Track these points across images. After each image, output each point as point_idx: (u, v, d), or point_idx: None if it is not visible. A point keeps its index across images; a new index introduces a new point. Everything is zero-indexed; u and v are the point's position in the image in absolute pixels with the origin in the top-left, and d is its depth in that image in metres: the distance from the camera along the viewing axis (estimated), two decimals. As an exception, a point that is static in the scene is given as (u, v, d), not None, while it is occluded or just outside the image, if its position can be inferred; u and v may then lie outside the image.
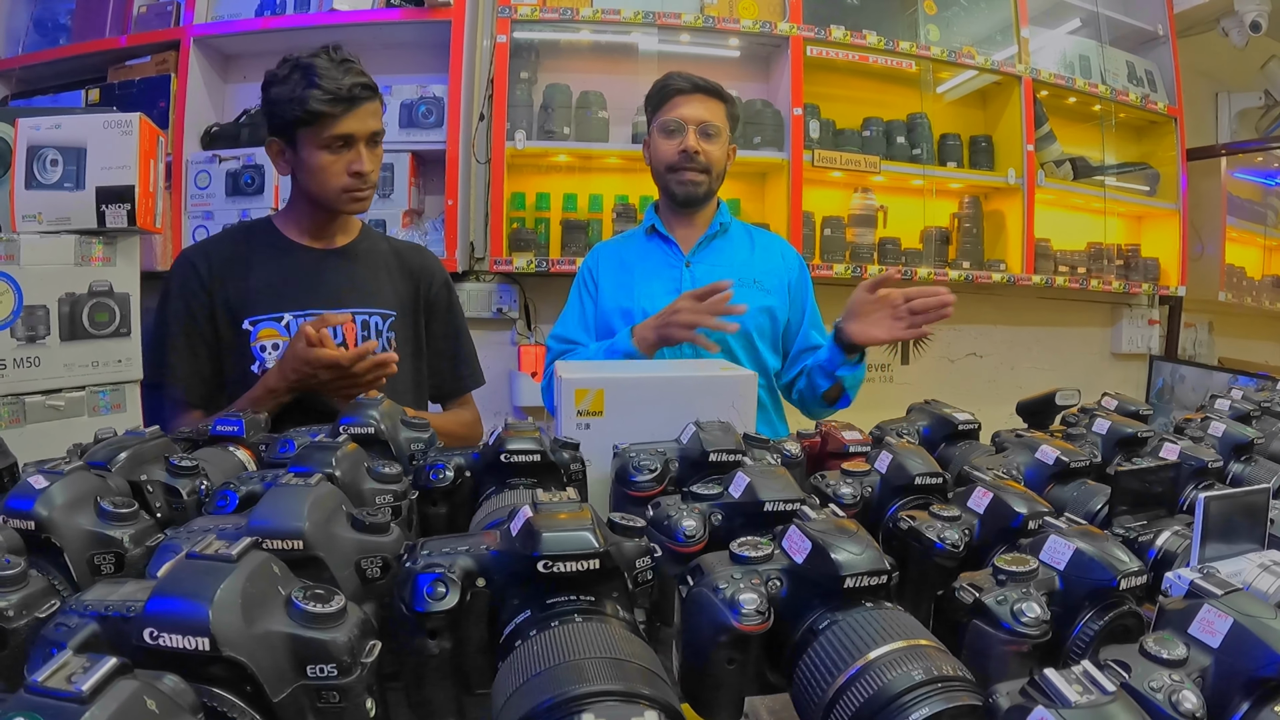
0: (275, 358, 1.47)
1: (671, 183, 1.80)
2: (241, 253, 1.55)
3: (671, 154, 1.78)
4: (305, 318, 1.51)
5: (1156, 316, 3.60)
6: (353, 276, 1.60)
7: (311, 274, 1.56)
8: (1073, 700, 0.39)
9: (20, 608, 0.53)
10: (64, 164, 1.14)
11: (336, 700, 0.44)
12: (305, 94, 1.42)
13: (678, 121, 1.77)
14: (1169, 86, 3.49)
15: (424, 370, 1.69)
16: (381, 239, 1.74)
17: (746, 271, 1.81)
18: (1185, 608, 0.54)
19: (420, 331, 1.69)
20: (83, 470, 0.69)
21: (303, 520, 0.56)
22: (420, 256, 1.75)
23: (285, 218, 1.62)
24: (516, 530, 0.52)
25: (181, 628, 0.42)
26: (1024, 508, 0.73)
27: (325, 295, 1.55)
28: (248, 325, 1.50)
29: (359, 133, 1.48)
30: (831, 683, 0.48)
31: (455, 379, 1.74)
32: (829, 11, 2.94)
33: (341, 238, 1.64)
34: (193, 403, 1.49)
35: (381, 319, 1.61)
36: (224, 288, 1.51)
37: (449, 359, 1.73)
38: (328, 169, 1.48)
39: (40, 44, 3.00)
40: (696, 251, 1.84)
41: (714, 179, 1.80)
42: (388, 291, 1.63)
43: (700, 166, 1.77)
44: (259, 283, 1.53)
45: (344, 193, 1.51)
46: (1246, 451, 1.06)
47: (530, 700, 0.40)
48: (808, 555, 0.55)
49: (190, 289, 1.49)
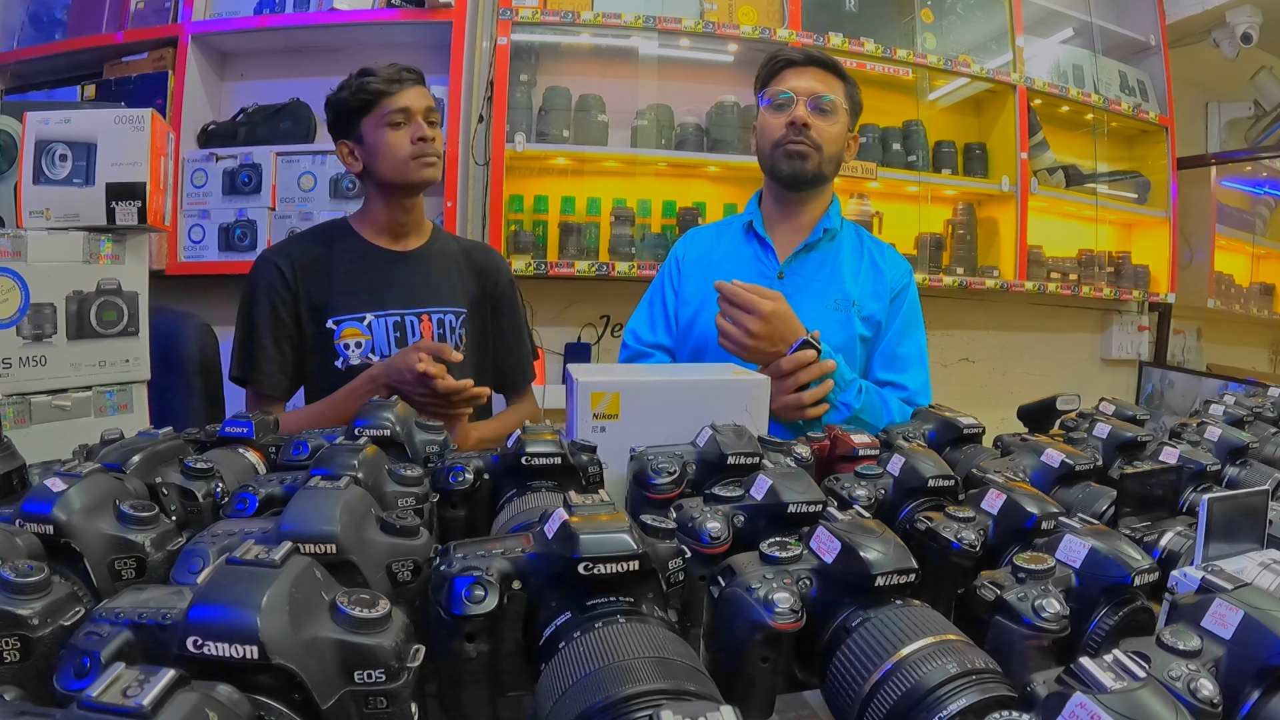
0: (359, 355, 1.61)
1: (777, 159, 1.57)
2: (323, 254, 1.66)
3: (778, 128, 1.56)
4: (385, 317, 1.64)
5: (1146, 323, 3.64)
6: (427, 277, 1.70)
7: (390, 275, 1.67)
8: (1109, 686, 0.40)
9: (45, 615, 0.51)
10: (73, 159, 1.13)
11: (384, 706, 0.43)
12: (362, 81, 1.59)
13: (787, 93, 1.57)
14: (1160, 96, 3.54)
15: (489, 363, 1.77)
16: (451, 240, 1.84)
17: (843, 292, 1.59)
18: (1197, 602, 0.56)
19: (486, 326, 1.78)
20: (100, 472, 0.67)
21: (335, 524, 0.56)
22: (487, 255, 1.85)
23: (361, 219, 1.72)
24: (553, 532, 0.53)
25: (229, 635, 0.41)
26: (1036, 509, 0.75)
27: (403, 295, 1.66)
28: (331, 324, 1.61)
29: (415, 106, 1.60)
30: (867, 678, 0.49)
31: (519, 372, 1.83)
32: (827, 18, 2.97)
33: (415, 239, 1.74)
34: (277, 395, 1.62)
35: (455, 317, 1.70)
36: (308, 288, 1.63)
37: (511, 354, 1.82)
38: (393, 143, 1.59)
39: (36, 39, 2.97)
40: (793, 261, 1.62)
41: (825, 160, 1.57)
42: (459, 290, 1.73)
43: (810, 142, 1.55)
44: (341, 284, 1.64)
45: (413, 160, 1.60)
46: (1242, 455, 1.08)
47: (582, 701, 0.41)
48: (837, 555, 0.56)
49: (275, 288, 1.61)
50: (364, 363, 1.60)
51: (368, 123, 1.60)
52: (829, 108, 1.56)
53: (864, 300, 1.60)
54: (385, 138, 1.59)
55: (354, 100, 1.60)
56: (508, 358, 1.81)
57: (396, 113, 1.58)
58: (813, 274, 1.62)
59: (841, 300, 1.59)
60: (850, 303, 1.59)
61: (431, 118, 1.64)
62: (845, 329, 1.56)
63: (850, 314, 1.58)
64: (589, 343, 3.03)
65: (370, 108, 1.59)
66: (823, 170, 1.59)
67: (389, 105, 1.58)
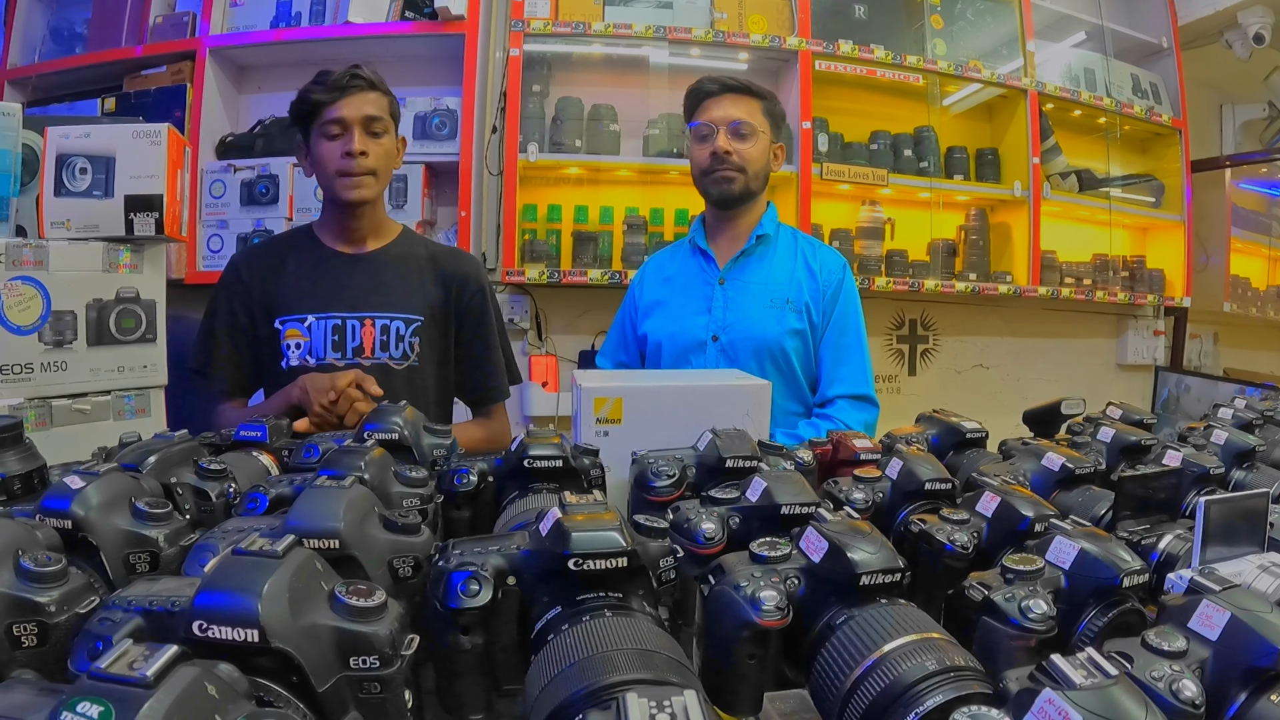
0: (298, 356, 1.59)
1: (707, 185, 1.75)
2: (279, 257, 1.66)
3: (704, 159, 1.73)
4: (326, 320, 1.60)
5: (1162, 328, 3.61)
6: (379, 281, 1.65)
7: (337, 278, 1.63)
8: (1078, 683, 0.41)
9: (61, 603, 0.54)
10: (93, 172, 1.17)
11: (378, 691, 0.45)
12: (308, 89, 1.56)
13: (708, 125, 1.73)
14: (1173, 99, 3.52)
15: (450, 377, 1.71)
16: (421, 243, 1.76)
17: (779, 290, 1.75)
18: (1185, 603, 0.56)
19: (450, 338, 1.70)
20: (117, 471, 0.71)
21: (339, 520, 0.58)
22: (457, 262, 1.75)
23: (320, 223, 1.70)
24: (546, 530, 0.54)
25: (231, 620, 0.43)
26: (1030, 511, 0.75)
27: (348, 298, 1.62)
28: (278, 324, 1.60)
29: (351, 117, 1.54)
30: (848, 675, 0.50)
31: (484, 389, 1.74)
32: (837, 26, 2.97)
33: (374, 241, 1.69)
34: (233, 392, 1.63)
35: (405, 324, 1.64)
36: (262, 289, 1.62)
37: (479, 368, 1.73)
38: (324, 155, 1.56)
39: (56, 53, 3.04)
40: (732, 267, 1.78)
41: (751, 178, 1.73)
42: (417, 297, 1.66)
43: (733, 166, 1.71)
44: (289, 285, 1.62)
45: (337, 175, 1.56)
46: (1249, 459, 1.08)
47: (565, 690, 0.42)
48: (824, 555, 0.57)
49: (234, 290, 1.63)
50: (301, 364, 1.59)
51: (313, 130, 1.57)
52: (747, 131, 1.71)
53: (797, 297, 1.75)
54: (320, 149, 1.56)
55: (298, 109, 1.58)
56: (475, 371, 1.73)
57: (331, 123, 1.54)
58: (750, 277, 1.78)
59: (777, 299, 1.74)
60: (785, 300, 1.74)
61: (374, 128, 1.57)
62: (779, 323, 1.72)
63: (784, 310, 1.73)
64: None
65: (313, 117, 1.56)
66: (749, 187, 1.75)
67: (325, 115, 1.54)
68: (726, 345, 1.73)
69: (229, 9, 2.83)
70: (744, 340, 1.72)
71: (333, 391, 1.37)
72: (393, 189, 2.73)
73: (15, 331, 1.09)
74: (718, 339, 1.74)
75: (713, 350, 1.74)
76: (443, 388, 1.69)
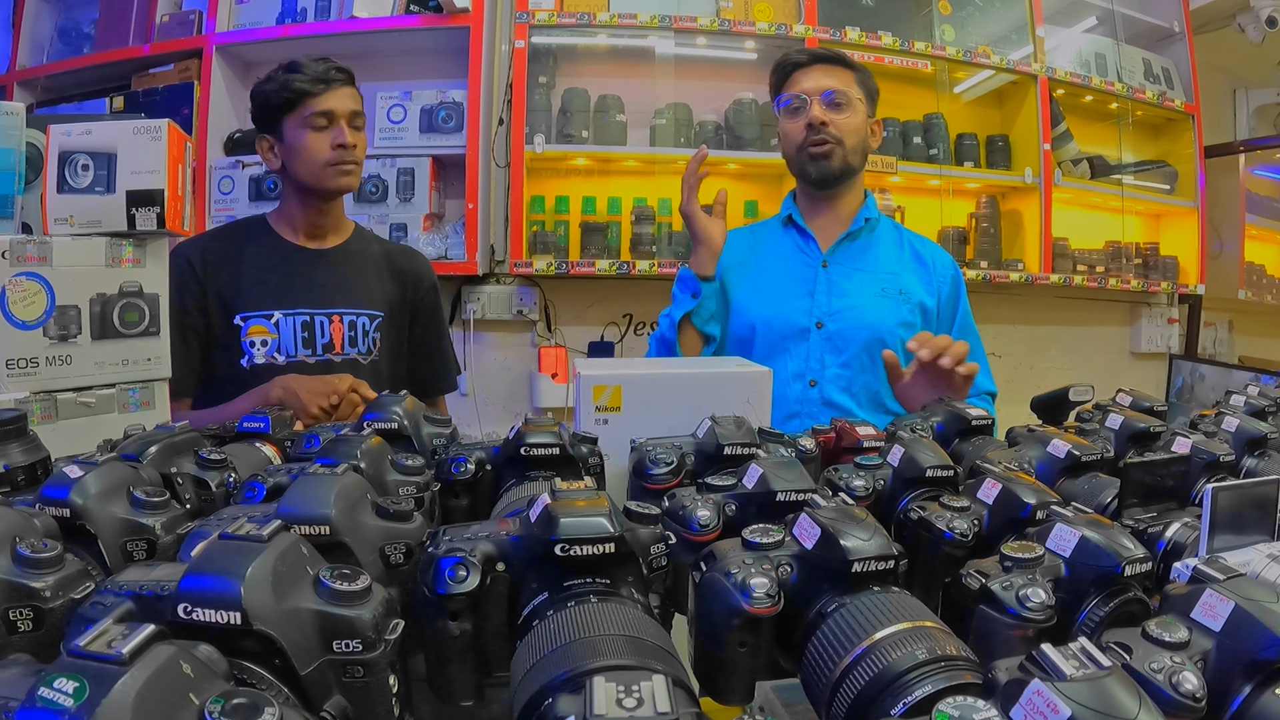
0: (264, 353, 1.57)
1: (804, 162, 1.61)
2: (235, 248, 1.62)
3: (797, 132, 1.59)
4: (293, 316, 1.59)
5: (1176, 315, 3.57)
6: (343, 277, 1.65)
7: (302, 273, 1.62)
8: (1069, 674, 0.40)
9: (57, 589, 0.55)
10: (95, 169, 1.17)
11: (361, 675, 0.46)
12: (288, 78, 1.54)
13: (799, 96, 1.60)
14: (1186, 83, 3.47)
15: (402, 371, 1.74)
16: (374, 241, 1.79)
17: (891, 280, 1.62)
18: (1188, 592, 0.54)
19: (404, 333, 1.74)
20: (116, 461, 0.71)
21: (329, 507, 0.58)
22: (410, 259, 1.79)
23: (279, 216, 1.68)
24: (535, 516, 0.54)
25: (214, 603, 0.44)
26: (1032, 498, 0.74)
27: (315, 294, 1.61)
28: (239, 320, 1.57)
29: (339, 110, 1.55)
30: (838, 663, 0.49)
31: (434, 381, 1.79)
32: (844, 13, 2.95)
33: (334, 238, 1.69)
34: (179, 392, 1.53)
35: (369, 320, 1.66)
36: (217, 282, 1.59)
37: (429, 361, 1.78)
38: (312, 146, 1.55)
39: (65, 53, 3.06)
40: (836, 250, 1.64)
41: (850, 152, 1.60)
42: (377, 293, 1.68)
43: (831, 138, 1.57)
44: (251, 279, 1.59)
45: (329, 166, 1.56)
46: (1260, 446, 1.06)
47: (546, 674, 0.42)
48: (817, 541, 0.56)
49: (184, 282, 1.55)
50: (268, 361, 1.57)
51: (289, 121, 1.55)
52: (843, 100, 1.58)
53: (911, 288, 1.62)
54: (305, 140, 1.54)
55: (277, 97, 1.55)
56: (423, 365, 1.77)
57: (319, 115, 1.54)
58: (857, 262, 1.64)
59: (889, 287, 1.61)
60: (898, 290, 1.61)
61: (356, 122, 1.59)
62: (895, 314, 1.59)
63: (898, 301, 1.60)
64: (612, 341, 3.05)
65: (293, 106, 1.54)
66: (850, 163, 1.61)
67: (312, 106, 1.53)
68: (834, 334, 1.59)
69: (235, 6, 2.85)
70: (855, 330, 1.58)
71: (335, 395, 1.36)
72: (400, 182, 2.74)
73: (20, 326, 1.09)
74: (822, 326, 1.59)
75: (817, 339, 1.59)
76: (397, 381, 1.69)
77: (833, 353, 1.59)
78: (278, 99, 1.54)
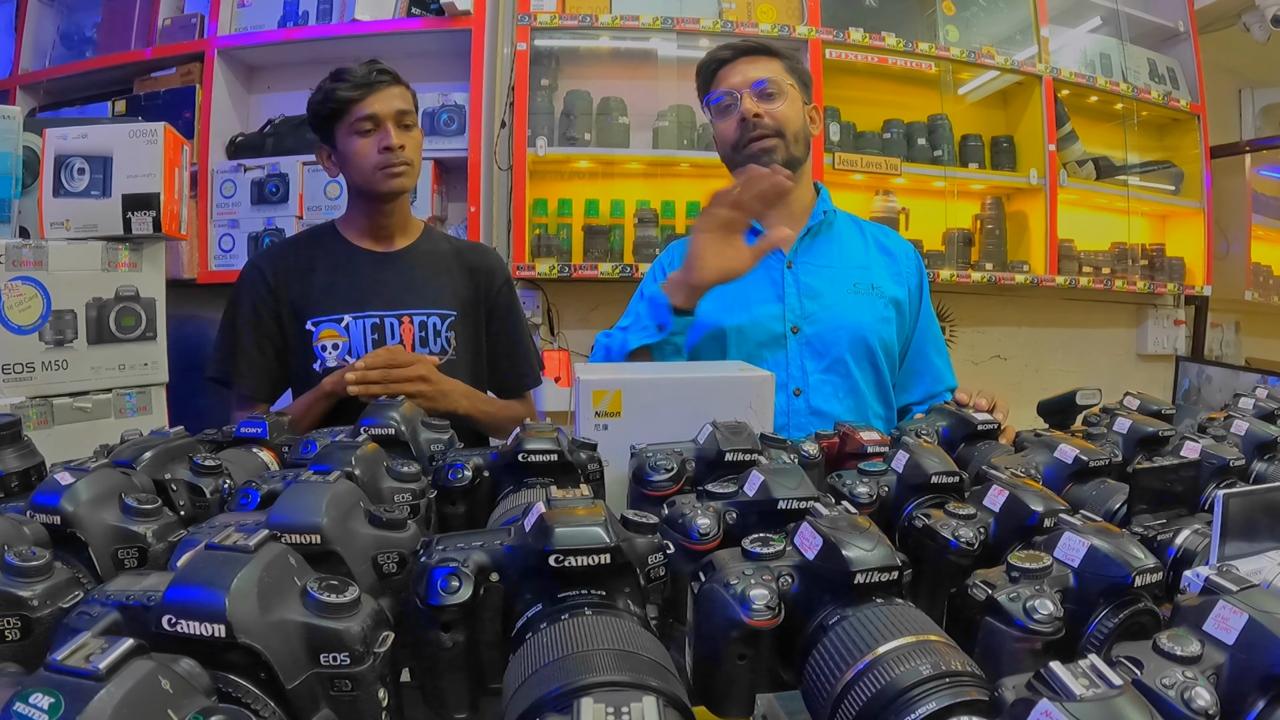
0: (336, 357, 1.58)
1: (743, 161, 1.48)
2: (305, 256, 1.65)
3: (732, 130, 1.50)
4: (363, 319, 1.61)
5: (1182, 317, 3.55)
6: (412, 278, 1.66)
7: (370, 276, 1.64)
8: (1078, 694, 0.38)
9: (45, 597, 0.55)
10: (90, 172, 1.17)
11: (349, 689, 0.44)
12: (332, 87, 1.55)
13: (728, 92, 1.51)
14: (1191, 83, 3.45)
15: (483, 369, 1.74)
16: (444, 239, 1.80)
17: (861, 275, 1.53)
18: (1200, 604, 0.53)
19: (481, 330, 1.74)
20: (108, 468, 0.70)
21: (321, 515, 0.57)
22: (482, 256, 1.79)
23: (346, 222, 1.70)
24: (530, 525, 0.53)
25: (198, 615, 0.43)
26: (1040, 505, 0.72)
27: (384, 297, 1.63)
28: (310, 326, 1.59)
29: (383, 112, 1.56)
30: (840, 677, 0.48)
31: (515, 377, 1.78)
32: (847, 14, 2.94)
33: (401, 239, 1.70)
34: (259, 398, 1.60)
35: (440, 319, 1.66)
36: (289, 290, 1.61)
37: (507, 358, 1.77)
38: (360, 151, 1.56)
39: (67, 57, 3.07)
40: (798, 249, 1.55)
41: (790, 142, 1.49)
42: (448, 292, 1.69)
43: (767, 130, 1.47)
44: (321, 285, 1.62)
45: (378, 170, 1.56)
46: (1270, 450, 1.04)
47: (538, 690, 0.41)
48: (819, 551, 0.55)
49: (258, 291, 1.60)
50: (340, 364, 1.57)
51: (340, 129, 1.57)
52: (774, 90, 1.49)
53: (882, 283, 1.55)
54: (354, 146, 1.57)
55: (324, 107, 1.57)
56: (504, 361, 1.77)
57: (364, 120, 1.55)
58: (823, 259, 1.55)
59: (861, 283, 1.53)
60: (870, 285, 1.53)
61: (405, 121, 1.60)
62: (871, 311, 1.51)
63: (872, 297, 1.52)
64: (614, 344, 3.03)
65: (340, 114, 1.56)
66: (791, 153, 1.51)
67: (357, 112, 1.55)
68: (812, 338, 1.49)
69: (237, 9, 2.84)
70: (834, 332, 1.49)
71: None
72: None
73: (16, 331, 1.09)
74: (798, 330, 1.50)
75: (794, 344, 1.49)
76: (478, 379, 1.71)
77: (813, 358, 1.50)
78: (325, 109, 1.57)
